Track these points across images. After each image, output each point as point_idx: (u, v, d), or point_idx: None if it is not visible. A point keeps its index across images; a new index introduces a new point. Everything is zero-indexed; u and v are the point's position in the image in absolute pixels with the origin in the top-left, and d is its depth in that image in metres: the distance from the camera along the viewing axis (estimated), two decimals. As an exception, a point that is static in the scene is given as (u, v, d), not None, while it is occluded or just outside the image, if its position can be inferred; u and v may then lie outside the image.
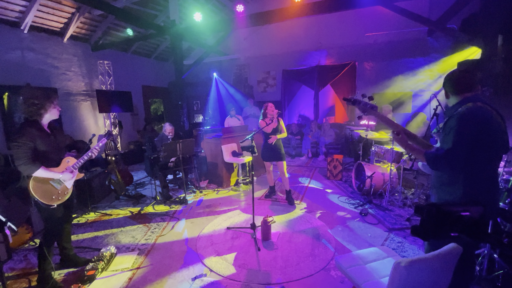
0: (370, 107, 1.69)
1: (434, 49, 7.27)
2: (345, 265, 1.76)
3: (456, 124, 1.45)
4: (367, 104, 1.71)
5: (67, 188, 2.42)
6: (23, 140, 2.13)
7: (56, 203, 2.32)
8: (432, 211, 0.61)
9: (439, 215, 0.61)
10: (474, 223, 0.64)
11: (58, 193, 2.33)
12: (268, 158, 4.19)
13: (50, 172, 2.27)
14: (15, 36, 5.79)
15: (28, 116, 2.23)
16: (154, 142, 4.83)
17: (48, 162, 2.29)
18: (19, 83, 5.84)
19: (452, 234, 0.61)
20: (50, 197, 2.28)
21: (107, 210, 4.20)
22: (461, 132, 1.42)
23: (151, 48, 9.38)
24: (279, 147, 4.11)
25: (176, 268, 2.66)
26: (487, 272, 2.22)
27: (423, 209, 0.63)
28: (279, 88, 9.42)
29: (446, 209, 0.62)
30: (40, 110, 2.24)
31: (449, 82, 1.62)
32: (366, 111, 1.70)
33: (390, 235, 3.16)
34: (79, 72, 7.27)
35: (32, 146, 2.18)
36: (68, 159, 2.46)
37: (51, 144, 2.32)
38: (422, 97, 7.55)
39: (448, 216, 0.62)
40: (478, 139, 1.41)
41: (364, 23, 7.82)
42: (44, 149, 2.25)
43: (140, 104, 9.36)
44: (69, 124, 6.97)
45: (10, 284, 2.46)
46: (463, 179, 1.48)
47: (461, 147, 1.40)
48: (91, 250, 3.04)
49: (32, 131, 2.20)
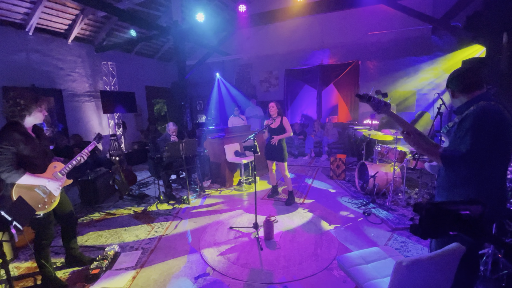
0: (383, 105, 1.62)
1: (438, 48, 7.21)
2: (347, 264, 1.75)
3: (473, 123, 1.40)
4: (381, 102, 1.63)
5: (54, 196, 2.27)
6: (4, 145, 1.98)
7: (42, 212, 2.18)
8: (431, 210, 0.61)
9: (438, 213, 0.61)
10: (474, 222, 0.63)
11: (44, 201, 2.19)
12: (270, 157, 4.19)
13: (35, 178, 2.13)
14: (20, 38, 5.87)
15: (9, 116, 2.09)
16: (157, 142, 4.86)
17: (33, 168, 2.15)
18: (24, 84, 5.92)
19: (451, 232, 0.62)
20: (35, 206, 2.13)
21: (111, 210, 4.24)
22: (480, 132, 1.37)
23: (154, 48, 9.44)
24: (281, 148, 4.04)
25: (179, 267, 2.68)
26: (492, 272, 2.20)
27: (421, 207, 0.63)
28: (281, 88, 9.42)
29: (445, 208, 0.61)
30: (23, 111, 2.09)
31: (455, 81, 1.57)
32: (379, 109, 1.62)
33: (394, 235, 3.14)
34: (83, 73, 7.34)
35: (14, 150, 2.04)
36: (55, 164, 2.32)
37: (35, 149, 2.17)
38: (427, 96, 7.50)
39: (447, 215, 0.62)
40: (496, 138, 1.37)
41: (367, 21, 7.78)
42: (27, 154, 2.10)
43: (143, 104, 9.42)
44: (74, 125, 7.05)
45: (16, 283, 2.50)
46: (477, 180, 1.44)
47: (480, 147, 1.36)
48: (96, 249, 3.08)
49: (14, 134, 2.05)
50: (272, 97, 9.45)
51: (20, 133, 2.09)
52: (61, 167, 2.33)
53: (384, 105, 1.62)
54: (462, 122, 1.47)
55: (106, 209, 4.26)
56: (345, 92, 8.50)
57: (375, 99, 1.64)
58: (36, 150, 2.18)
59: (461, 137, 1.45)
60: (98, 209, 4.25)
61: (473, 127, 1.39)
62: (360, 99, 1.69)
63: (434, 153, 1.48)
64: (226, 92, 9.79)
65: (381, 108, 1.62)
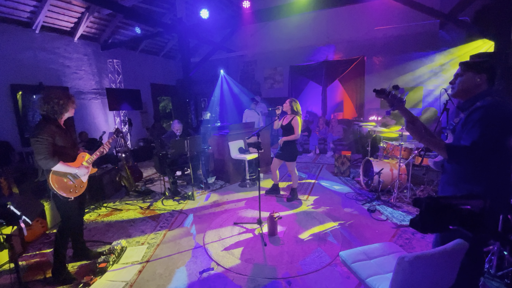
0: (398, 101, 1.58)
1: (446, 43, 7.07)
2: (349, 260, 1.76)
3: (481, 117, 1.39)
4: (396, 98, 1.59)
5: (83, 182, 2.55)
6: (43, 136, 2.23)
7: (74, 195, 2.44)
8: (430, 204, 0.61)
9: (438, 207, 0.61)
10: (475, 216, 0.63)
11: (75, 186, 2.46)
12: (277, 155, 4.18)
13: (67, 166, 2.38)
14: (27, 36, 5.94)
15: (50, 114, 2.34)
16: (163, 139, 4.90)
17: (65, 157, 2.40)
18: (32, 82, 6.01)
19: (450, 227, 0.62)
20: (68, 190, 2.40)
21: (118, 205, 4.31)
22: (488, 125, 1.37)
23: (159, 46, 9.47)
24: (289, 148, 4.05)
25: (184, 261, 2.72)
26: (496, 269, 2.18)
27: (421, 201, 0.63)
28: (286, 85, 9.36)
29: (445, 202, 0.61)
30: (63, 109, 2.38)
31: (487, 64, 1.53)
32: (394, 105, 1.58)
33: (398, 231, 3.13)
34: (89, 71, 7.41)
35: (52, 141, 2.28)
36: (83, 154, 2.59)
37: (67, 140, 2.43)
38: (434, 92, 7.38)
39: (447, 209, 0.62)
40: (504, 133, 1.38)
41: (373, 16, 7.65)
42: (61, 145, 2.37)
43: (149, 102, 9.48)
44: (80, 122, 7.14)
45: (25, 276, 2.56)
46: (483, 176, 1.44)
47: (487, 140, 1.36)
48: (103, 244, 3.13)
49: (51, 127, 2.30)
50: (277, 94, 9.42)
51: (55, 125, 2.35)
52: (88, 157, 2.60)
53: (399, 101, 1.59)
54: (470, 115, 1.46)
55: (113, 205, 4.33)
56: (351, 88, 8.41)
57: (394, 95, 1.59)
58: (68, 141, 2.44)
59: (468, 129, 1.44)
60: (104, 204, 4.32)
61: (481, 120, 1.39)
62: (378, 94, 1.63)
63: (439, 145, 1.47)
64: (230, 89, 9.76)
65: (396, 104, 1.59)
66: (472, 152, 1.38)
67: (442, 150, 1.46)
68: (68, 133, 2.48)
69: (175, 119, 5.01)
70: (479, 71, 1.52)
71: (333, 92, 8.88)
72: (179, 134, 5.01)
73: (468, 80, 1.54)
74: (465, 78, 1.55)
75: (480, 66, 1.53)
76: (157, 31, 7.69)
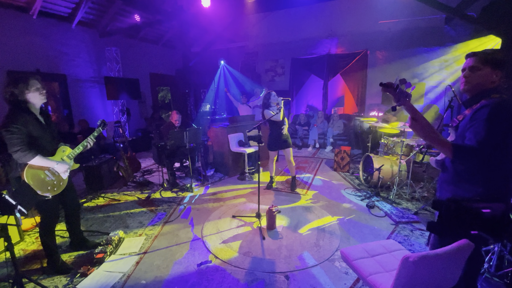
0: (405, 96, 1.51)
1: (451, 38, 6.97)
2: (351, 257, 1.74)
3: (488, 115, 1.35)
4: (403, 93, 1.52)
5: (62, 179, 2.33)
6: (16, 125, 2.01)
7: (52, 194, 2.23)
8: (451, 207, 0.57)
9: (458, 211, 0.57)
10: (496, 221, 0.59)
11: (53, 184, 2.24)
12: (275, 147, 4.19)
13: (46, 160, 2.16)
14: (24, 22, 5.79)
15: (11, 99, 2.10)
16: (161, 130, 4.84)
17: (42, 150, 2.17)
18: (29, 69, 5.89)
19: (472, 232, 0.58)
20: (45, 188, 2.19)
21: (116, 196, 4.28)
22: (495, 124, 1.33)
23: (159, 34, 9.28)
24: (287, 135, 4.20)
25: (182, 253, 2.70)
26: (496, 269, 2.18)
27: (441, 204, 0.59)
28: (287, 77, 9.25)
29: (466, 205, 0.57)
30: (23, 94, 2.11)
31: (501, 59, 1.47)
32: (400, 100, 1.51)
33: (397, 228, 3.12)
34: (87, 58, 7.27)
35: (25, 131, 2.07)
36: (63, 148, 2.36)
37: (44, 131, 2.22)
38: (436, 88, 7.31)
39: (468, 213, 0.58)
40: (509, 133, 1.34)
41: (378, 10, 7.51)
42: (36, 135, 2.15)
43: (147, 91, 9.36)
44: (78, 111, 7.04)
45: (21, 265, 2.54)
46: (484, 176, 1.41)
47: (494, 138, 1.32)
48: (100, 234, 3.11)
49: (24, 115, 2.08)
50: (277, 87, 9.30)
51: (28, 113, 2.13)
52: (69, 151, 2.38)
53: (405, 97, 1.52)
54: (476, 113, 1.41)
55: (111, 195, 4.30)
56: (352, 83, 8.32)
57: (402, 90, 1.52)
58: (45, 133, 2.23)
59: (474, 128, 1.39)
60: (102, 194, 4.29)
61: (488, 118, 1.35)
62: (384, 88, 1.54)
63: (444, 143, 1.40)
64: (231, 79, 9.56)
65: (402, 100, 1.53)
66: (480, 153, 1.33)
67: (447, 149, 1.41)
68: (44, 124, 2.25)
69: (174, 110, 4.94)
70: (495, 67, 1.45)
71: (335, 86, 8.80)
72: (178, 125, 4.94)
73: (486, 75, 1.46)
74: (483, 72, 1.46)
75: (498, 61, 1.45)
76: (156, 19, 7.52)
